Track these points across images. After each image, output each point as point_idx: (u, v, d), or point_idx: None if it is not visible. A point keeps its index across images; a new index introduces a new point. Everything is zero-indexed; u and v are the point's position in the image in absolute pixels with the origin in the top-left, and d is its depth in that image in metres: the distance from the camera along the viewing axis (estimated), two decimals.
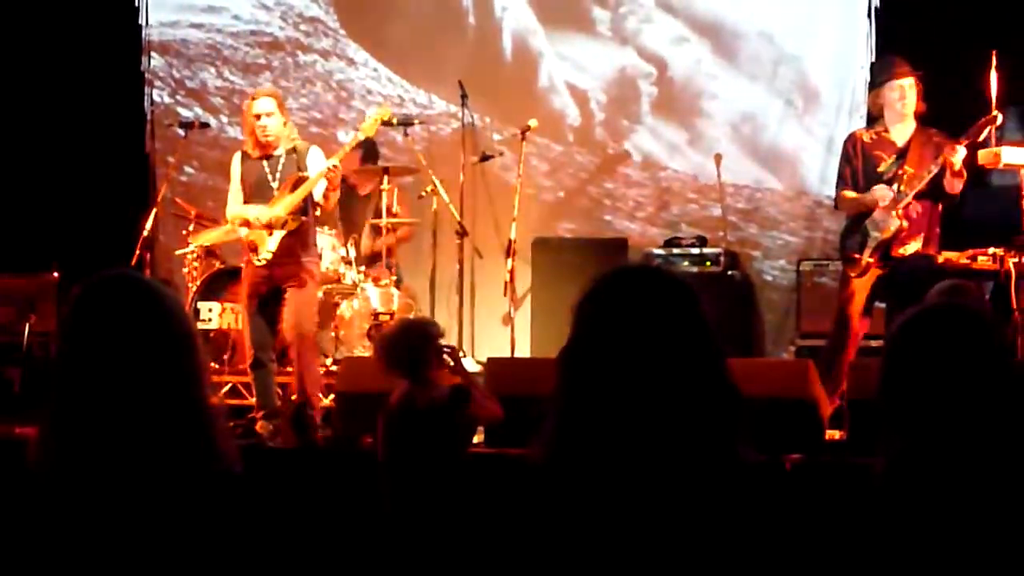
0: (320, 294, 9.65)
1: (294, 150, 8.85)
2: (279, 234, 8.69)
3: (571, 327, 2.67)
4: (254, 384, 8.92)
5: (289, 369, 9.06)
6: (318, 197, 8.79)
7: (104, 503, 2.65)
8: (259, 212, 8.76)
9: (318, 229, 9.54)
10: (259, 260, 8.73)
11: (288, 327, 8.76)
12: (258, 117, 8.76)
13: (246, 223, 8.81)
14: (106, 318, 2.75)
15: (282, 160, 8.81)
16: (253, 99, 8.91)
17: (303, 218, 8.75)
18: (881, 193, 8.51)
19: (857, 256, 8.58)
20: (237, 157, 9.04)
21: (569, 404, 2.60)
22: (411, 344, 6.21)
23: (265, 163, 8.83)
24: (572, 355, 2.64)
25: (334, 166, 8.62)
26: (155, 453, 2.68)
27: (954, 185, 8.40)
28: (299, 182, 8.72)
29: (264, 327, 8.86)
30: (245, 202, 8.91)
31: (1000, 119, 8.34)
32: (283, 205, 8.70)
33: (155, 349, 2.73)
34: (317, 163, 8.81)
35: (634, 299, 2.61)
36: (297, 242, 8.77)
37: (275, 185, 8.78)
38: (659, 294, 2.61)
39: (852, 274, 8.65)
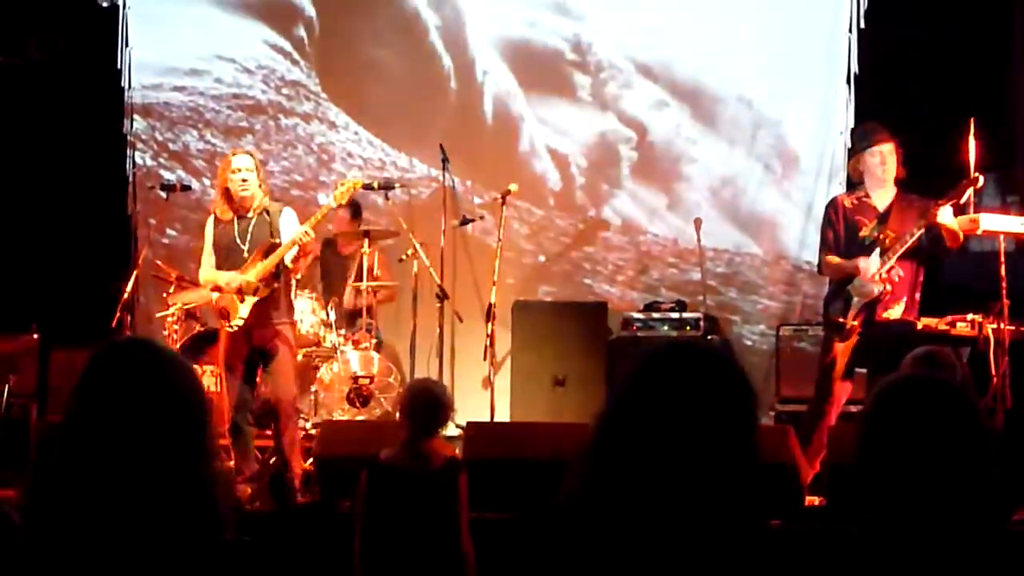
0: (300, 356, 9.63)
1: (266, 212, 8.77)
2: (251, 300, 8.65)
3: (621, 388, 2.67)
4: (232, 448, 8.87)
5: (268, 432, 9.04)
6: (288, 262, 8.74)
7: (108, 566, 2.65)
8: (230, 277, 8.72)
9: (298, 292, 9.52)
10: (231, 327, 8.70)
11: (269, 392, 8.75)
12: (237, 171, 8.72)
13: (217, 288, 8.77)
14: (122, 383, 2.75)
15: (253, 223, 8.73)
16: (233, 154, 8.91)
17: (275, 284, 8.71)
18: (865, 265, 8.52)
19: (842, 320, 8.58)
20: (210, 220, 8.99)
21: (602, 465, 2.60)
22: (444, 406, 6.24)
23: (236, 226, 8.76)
24: (616, 417, 2.63)
25: (306, 233, 8.60)
26: (164, 520, 2.68)
27: (953, 243, 8.43)
28: (271, 249, 8.66)
29: (241, 391, 8.82)
30: (217, 266, 8.87)
31: (981, 181, 8.40)
32: (254, 272, 8.65)
33: (169, 416, 2.74)
34: (290, 226, 8.76)
35: (694, 381, 2.62)
36: (270, 306, 8.73)
37: (245, 248, 8.72)
38: (719, 382, 2.63)
39: (837, 339, 8.64)
